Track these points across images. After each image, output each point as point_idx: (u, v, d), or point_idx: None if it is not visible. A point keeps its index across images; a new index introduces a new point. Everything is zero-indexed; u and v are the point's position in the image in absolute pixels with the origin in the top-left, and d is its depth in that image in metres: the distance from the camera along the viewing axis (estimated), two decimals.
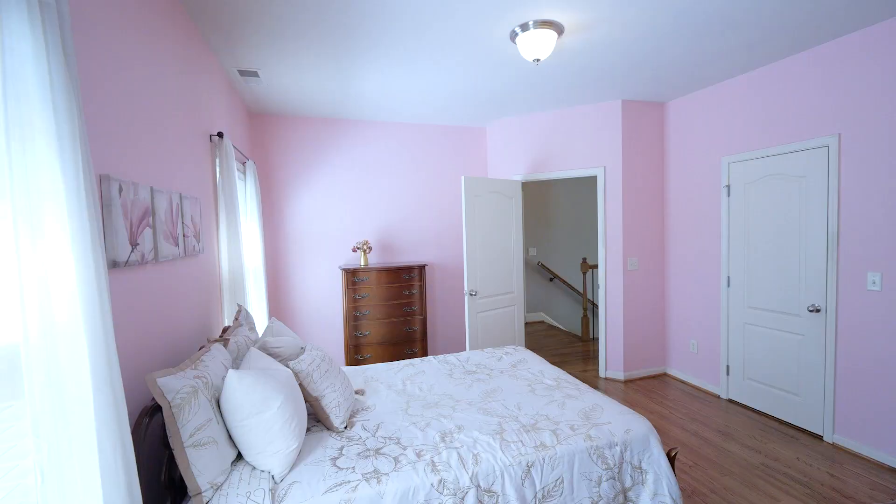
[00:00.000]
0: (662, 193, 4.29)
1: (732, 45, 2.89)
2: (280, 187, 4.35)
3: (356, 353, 4.21)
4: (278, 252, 4.39)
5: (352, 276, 4.16)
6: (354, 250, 4.37)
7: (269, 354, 2.07)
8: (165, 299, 1.85)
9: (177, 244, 1.95)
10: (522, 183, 4.67)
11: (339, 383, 2.05)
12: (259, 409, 1.55)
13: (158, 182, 1.82)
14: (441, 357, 2.99)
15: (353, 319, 4.18)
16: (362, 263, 4.29)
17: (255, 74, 3.22)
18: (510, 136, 4.64)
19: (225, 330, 2.28)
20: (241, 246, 2.80)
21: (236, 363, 1.95)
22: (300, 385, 1.89)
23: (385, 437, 1.84)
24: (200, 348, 1.88)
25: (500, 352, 3.08)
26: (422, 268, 4.40)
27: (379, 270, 4.23)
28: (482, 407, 2.13)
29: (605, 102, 4.11)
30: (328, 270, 4.52)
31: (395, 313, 4.31)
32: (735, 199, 3.56)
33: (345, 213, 4.55)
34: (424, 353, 4.44)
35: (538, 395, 2.27)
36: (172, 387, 1.38)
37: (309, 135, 4.41)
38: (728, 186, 3.61)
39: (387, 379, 2.60)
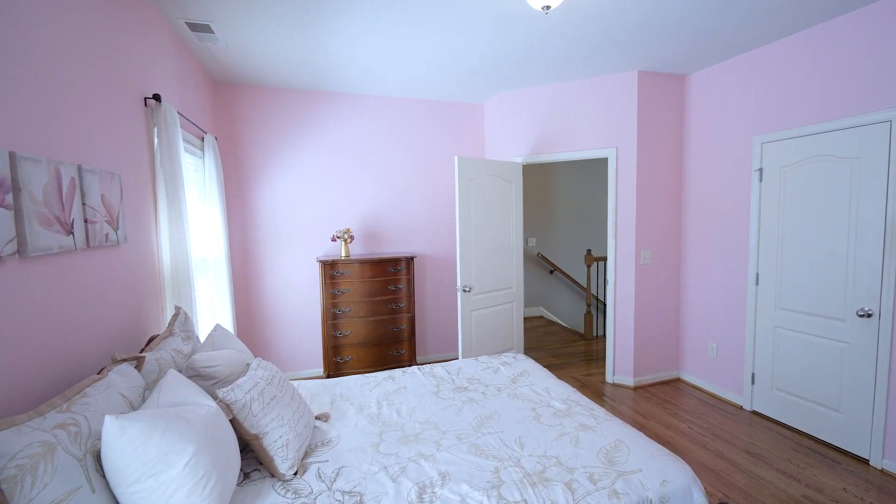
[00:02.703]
0: (681, 178, 3.81)
1: (770, 3, 2.39)
2: (250, 168, 3.84)
3: (335, 356, 3.75)
4: (247, 241, 3.89)
5: (331, 269, 3.68)
6: (334, 240, 3.89)
7: (199, 376, 1.60)
8: (45, 309, 1.37)
9: (70, 232, 1.47)
10: (523, 165, 4.18)
11: (290, 413, 1.59)
12: (155, 470, 1.09)
13: (29, 146, 1.32)
14: (427, 369, 2.53)
15: (332, 318, 3.72)
16: (343, 255, 3.81)
17: (208, 30, 2.69)
18: (510, 112, 4.12)
19: (150, 341, 1.81)
20: (186, 233, 2.31)
21: (150, 391, 1.48)
22: (233, 421, 1.43)
23: (344, 492, 1.38)
24: (100, 371, 1.41)
25: (497, 361, 2.63)
26: (410, 260, 3.93)
27: (362, 263, 3.75)
28: (474, 442, 1.68)
29: (619, 74, 3.60)
30: (305, 262, 4.02)
31: (379, 311, 3.85)
32: (768, 185, 3.10)
33: (324, 198, 4.04)
34: (412, 355, 3.99)
35: (545, 423, 1.82)
36: (5, 449, 0.92)
37: (283, 109, 3.88)
38: (760, 170, 3.14)
39: (359, 398, 2.14)
